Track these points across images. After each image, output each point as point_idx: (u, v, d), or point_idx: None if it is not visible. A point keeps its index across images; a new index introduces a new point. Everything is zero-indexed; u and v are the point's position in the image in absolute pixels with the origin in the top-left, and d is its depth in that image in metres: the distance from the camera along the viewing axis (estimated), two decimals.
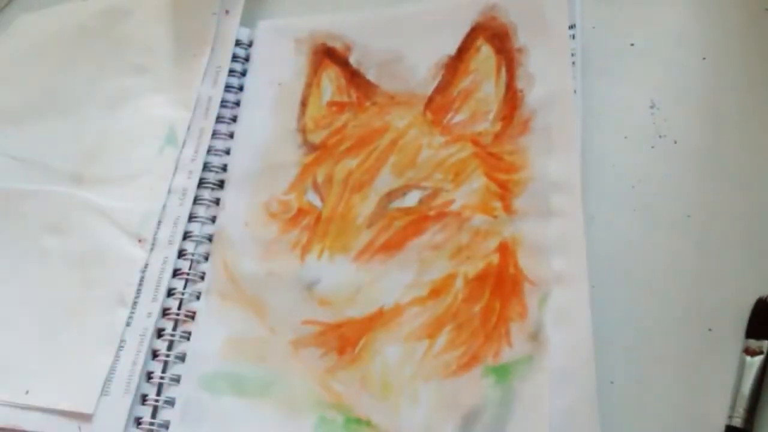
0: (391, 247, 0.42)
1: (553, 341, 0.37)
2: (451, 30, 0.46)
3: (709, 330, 0.37)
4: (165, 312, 0.44)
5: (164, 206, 0.46)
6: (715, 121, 0.41)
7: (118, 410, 0.41)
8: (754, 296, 0.37)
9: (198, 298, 0.44)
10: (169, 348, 0.43)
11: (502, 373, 0.37)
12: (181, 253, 0.45)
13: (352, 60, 0.48)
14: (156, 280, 0.44)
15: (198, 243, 0.45)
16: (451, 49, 0.46)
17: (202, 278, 0.45)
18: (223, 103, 0.49)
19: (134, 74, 0.52)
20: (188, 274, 0.45)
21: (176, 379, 0.42)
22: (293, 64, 0.49)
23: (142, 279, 0.44)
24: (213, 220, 0.46)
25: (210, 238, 0.46)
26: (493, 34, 0.45)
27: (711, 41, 0.43)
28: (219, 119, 0.49)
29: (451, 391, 0.37)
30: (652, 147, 0.42)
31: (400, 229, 0.42)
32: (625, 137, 0.42)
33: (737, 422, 0.34)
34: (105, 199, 0.47)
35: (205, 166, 0.48)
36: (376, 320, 0.40)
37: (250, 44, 0.52)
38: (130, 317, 0.43)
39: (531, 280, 0.38)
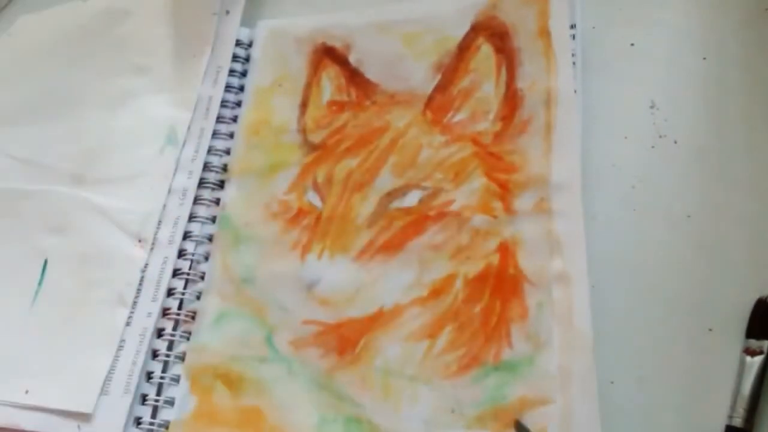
0: (391, 247, 0.42)
1: (553, 341, 0.37)
2: (451, 29, 0.46)
3: (710, 330, 0.37)
4: (165, 312, 0.44)
5: (164, 206, 0.46)
6: (716, 121, 0.41)
7: (117, 410, 0.41)
8: (754, 296, 0.37)
9: (198, 298, 0.44)
10: (169, 348, 0.43)
11: (502, 373, 0.37)
12: (181, 253, 0.45)
13: (352, 59, 0.48)
14: (156, 280, 0.44)
15: (198, 243, 0.45)
16: (451, 48, 0.46)
17: (202, 278, 0.45)
18: (224, 103, 0.49)
19: (135, 74, 0.52)
20: (188, 274, 0.45)
21: (176, 379, 0.42)
22: (293, 63, 0.49)
23: (142, 279, 0.44)
24: (213, 220, 0.46)
25: (210, 238, 0.46)
26: (493, 34, 0.45)
27: (711, 41, 0.43)
28: (219, 119, 0.49)
29: (451, 391, 0.37)
30: (652, 147, 0.42)
31: (400, 229, 0.42)
32: (625, 137, 0.42)
33: (737, 422, 0.34)
34: (105, 199, 0.47)
35: (206, 166, 0.48)
36: (377, 320, 0.40)
37: (250, 44, 0.52)
38: (130, 317, 0.43)
39: (531, 281, 0.38)
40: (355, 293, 0.41)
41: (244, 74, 0.51)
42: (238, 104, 0.50)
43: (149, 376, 0.42)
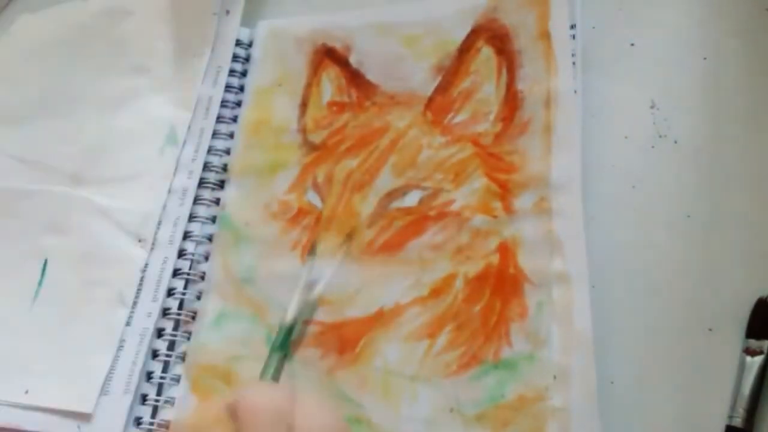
0: (392, 247, 0.42)
1: (553, 341, 0.37)
2: (451, 31, 0.46)
3: (709, 330, 0.37)
4: (165, 312, 0.44)
5: (164, 206, 0.46)
6: (716, 121, 0.41)
7: (117, 410, 0.41)
8: (754, 296, 0.37)
9: (198, 298, 0.44)
10: (170, 348, 0.43)
11: (501, 372, 0.37)
12: (181, 253, 0.45)
13: (352, 60, 0.48)
14: (156, 280, 0.44)
15: (198, 243, 0.45)
16: (452, 49, 0.46)
17: (202, 278, 0.45)
18: (224, 103, 0.49)
19: (134, 74, 0.52)
20: (188, 274, 0.44)
21: (176, 379, 0.42)
22: (293, 64, 0.49)
23: (142, 279, 0.44)
24: (213, 220, 0.46)
25: (210, 238, 0.46)
26: (493, 35, 0.45)
27: (711, 41, 0.43)
28: (219, 119, 0.49)
29: (451, 390, 0.37)
30: (652, 147, 0.42)
31: (400, 229, 0.42)
32: (625, 137, 0.42)
33: (737, 422, 0.34)
34: (105, 199, 0.47)
35: (206, 166, 0.48)
36: (377, 320, 0.40)
37: (250, 44, 0.52)
38: (130, 317, 0.43)
39: (531, 280, 0.38)
40: (355, 293, 0.41)
41: (244, 74, 0.51)
42: (238, 104, 0.50)
43: (149, 376, 0.42)
